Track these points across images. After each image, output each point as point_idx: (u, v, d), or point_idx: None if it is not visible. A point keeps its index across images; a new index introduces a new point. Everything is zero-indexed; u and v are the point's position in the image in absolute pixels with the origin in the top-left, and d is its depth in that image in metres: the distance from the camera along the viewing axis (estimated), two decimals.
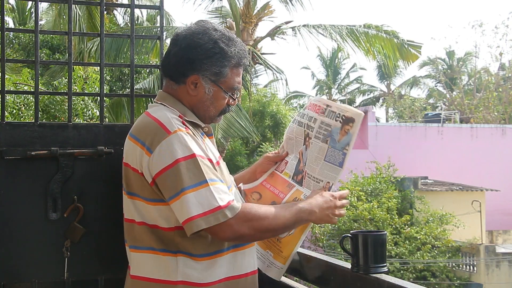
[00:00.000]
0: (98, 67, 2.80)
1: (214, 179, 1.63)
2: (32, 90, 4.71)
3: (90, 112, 9.60)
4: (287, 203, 1.81)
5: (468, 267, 15.25)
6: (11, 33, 16.22)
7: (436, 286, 14.66)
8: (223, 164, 1.82)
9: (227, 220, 1.60)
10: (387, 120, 35.99)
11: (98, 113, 8.71)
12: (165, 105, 1.79)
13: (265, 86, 24.73)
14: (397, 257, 14.10)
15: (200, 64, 1.76)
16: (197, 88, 1.78)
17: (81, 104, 9.53)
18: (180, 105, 1.80)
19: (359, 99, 39.00)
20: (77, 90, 9.06)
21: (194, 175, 1.62)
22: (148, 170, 1.67)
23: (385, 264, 1.62)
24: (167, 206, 1.67)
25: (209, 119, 1.84)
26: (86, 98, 9.57)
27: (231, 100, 1.84)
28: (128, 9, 5.50)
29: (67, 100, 2.79)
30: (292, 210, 1.72)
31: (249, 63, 1.95)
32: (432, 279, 14.45)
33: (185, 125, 1.71)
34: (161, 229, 1.70)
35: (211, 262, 1.70)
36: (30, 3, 20.88)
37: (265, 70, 13.25)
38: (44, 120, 7.44)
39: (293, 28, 13.34)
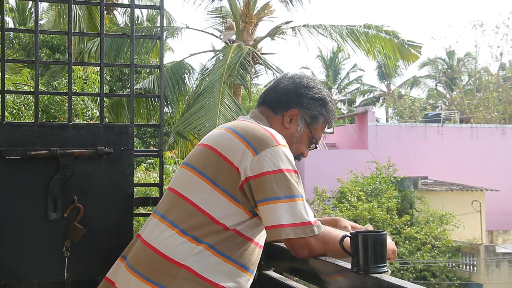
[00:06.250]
0: (98, 67, 2.80)
1: (303, 197, 1.73)
2: (32, 90, 4.71)
3: (90, 112, 9.60)
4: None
5: (468, 267, 15.24)
6: (11, 33, 16.22)
7: (436, 286, 14.66)
8: None
9: (310, 237, 1.68)
10: (387, 120, 35.97)
11: (98, 113, 8.72)
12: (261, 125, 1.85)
13: (265, 86, 24.72)
14: (397, 257, 14.09)
15: (305, 102, 1.89)
16: (291, 122, 1.89)
17: (81, 104, 9.54)
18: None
19: (359, 99, 39.03)
20: (77, 91, 9.06)
21: (291, 187, 1.69)
22: (248, 168, 1.70)
23: (385, 264, 1.62)
24: (239, 207, 1.71)
25: None
26: (86, 98, 9.57)
27: (307, 151, 1.95)
28: (128, 9, 5.51)
29: (67, 100, 2.79)
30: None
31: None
32: (432, 279, 14.45)
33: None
34: (214, 221, 1.70)
35: (228, 268, 1.72)
36: (30, 3, 20.90)
37: (265, 70, 13.22)
38: (44, 120, 7.44)
39: (293, 28, 13.32)
